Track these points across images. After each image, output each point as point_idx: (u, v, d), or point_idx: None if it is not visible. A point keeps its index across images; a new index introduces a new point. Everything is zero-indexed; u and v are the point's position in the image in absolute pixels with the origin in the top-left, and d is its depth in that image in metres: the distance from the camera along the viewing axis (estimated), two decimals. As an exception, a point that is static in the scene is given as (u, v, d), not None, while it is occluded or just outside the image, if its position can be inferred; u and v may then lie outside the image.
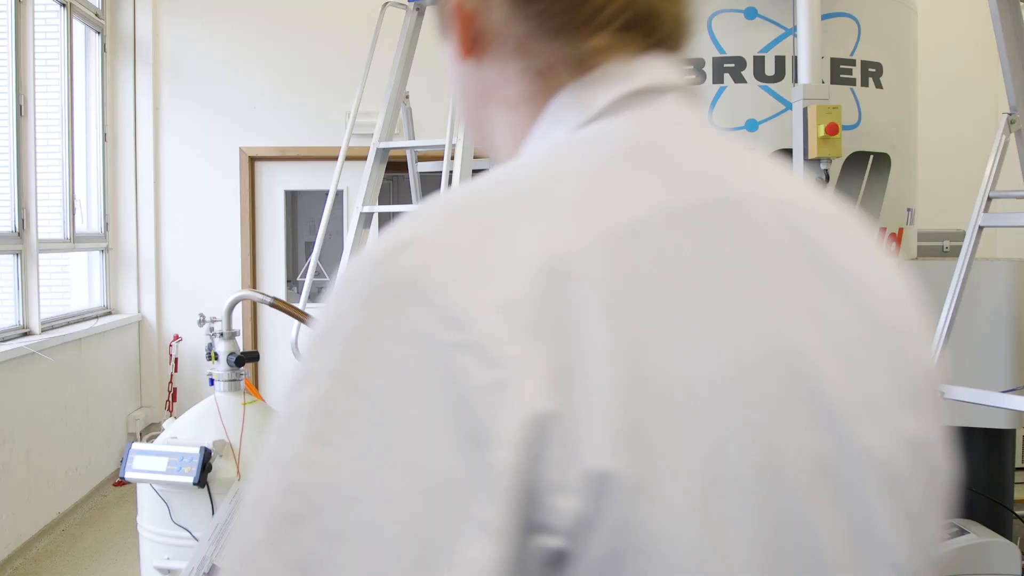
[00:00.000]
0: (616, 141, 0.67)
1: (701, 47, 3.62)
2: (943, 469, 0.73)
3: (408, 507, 0.52)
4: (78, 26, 6.53)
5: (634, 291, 0.58)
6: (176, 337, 7.07)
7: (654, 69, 0.71)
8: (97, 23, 6.83)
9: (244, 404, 3.16)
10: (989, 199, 3.41)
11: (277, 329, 6.92)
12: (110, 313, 6.91)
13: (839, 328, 0.66)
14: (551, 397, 0.53)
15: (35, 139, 5.59)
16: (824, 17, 3.45)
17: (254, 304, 6.84)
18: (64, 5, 6.23)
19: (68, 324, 6.05)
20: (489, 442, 0.52)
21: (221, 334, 3.24)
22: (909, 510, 0.68)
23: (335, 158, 4.59)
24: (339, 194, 6.00)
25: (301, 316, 3.47)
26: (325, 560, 0.52)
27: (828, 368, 0.64)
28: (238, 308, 3.39)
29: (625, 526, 0.54)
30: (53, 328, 5.77)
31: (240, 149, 7.14)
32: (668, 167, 0.66)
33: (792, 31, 3.52)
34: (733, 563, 0.57)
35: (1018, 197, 3.61)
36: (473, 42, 0.74)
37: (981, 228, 3.40)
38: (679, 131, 0.71)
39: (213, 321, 3.26)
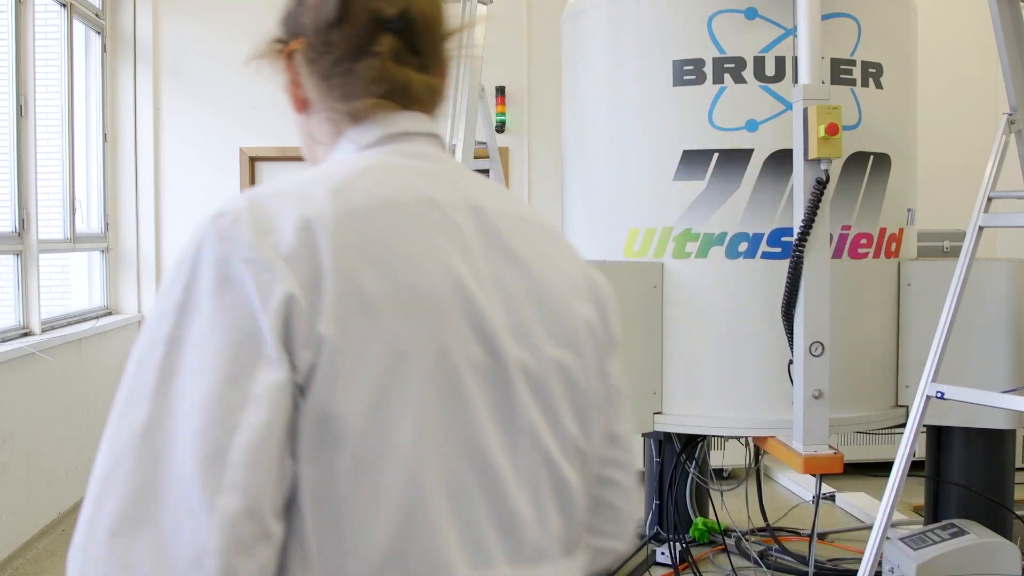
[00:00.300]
0: (366, 160, 1.10)
1: (701, 47, 3.62)
2: (589, 388, 1.14)
3: (227, 347, 0.93)
4: (78, 26, 6.53)
5: (354, 242, 0.99)
6: (176, 337, 7.06)
7: (404, 122, 1.14)
8: (97, 23, 6.83)
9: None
10: (989, 199, 3.41)
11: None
12: (110, 313, 6.91)
13: (506, 286, 1.08)
14: (299, 290, 0.94)
15: (35, 139, 5.59)
16: (824, 17, 3.45)
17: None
18: (64, 5, 6.23)
19: (68, 324, 6.05)
20: (267, 312, 0.93)
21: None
22: (552, 407, 1.08)
23: (335, 158, 4.59)
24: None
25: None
26: (183, 368, 0.93)
27: (492, 306, 1.05)
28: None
29: (332, 369, 0.94)
30: (53, 328, 5.76)
31: (240, 149, 7.14)
32: (396, 178, 1.08)
33: (792, 31, 3.52)
34: (396, 433, 0.96)
35: (1018, 197, 3.60)
36: (300, 103, 1.21)
37: (981, 228, 3.40)
38: (414, 159, 1.12)
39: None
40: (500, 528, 1.02)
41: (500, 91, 7.16)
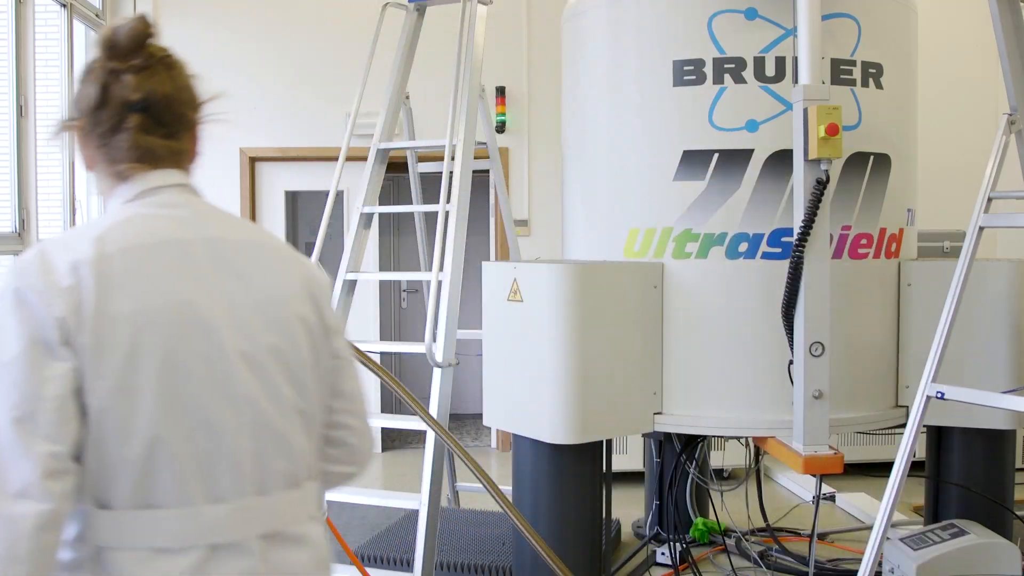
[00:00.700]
0: (125, 213, 1.52)
1: (701, 47, 3.62)
2: (304, 363, 1.57)
3: (28, 347, 1.37)
4: (78, 26, 6.53)
5: (108, 277, 1.41)
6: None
7: (155, 178, 1.56)
8: (97, 23, 6.83)
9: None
10: (989, 199, 3.41)
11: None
12: (110, 313, 6.91)
13: (231, 296, 1.51)
14: (69, 313, 1.38)
15: (35, 139, 5.59)
16: (824, 18, 3.45)
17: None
18: (64, 5, 6.23)
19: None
20: (51, 325, 1.37)
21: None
22: (269, 379, 1.51)
23: (335, 159, 4.59)
24: (339, 195, 5.99)
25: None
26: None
27: (216, 313, 1.48)
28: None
29: (89, 365, 1.38)
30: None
31: (240, 150, 7.14)
32: (144, 225, 1.50)
33: (792, 31, 3.52)
34: (139, 403, 1.41)
35: (1018, 197, 3.60)
36: (88, 163, 1.61)
37: (981, 229, 3.40)
38: (163, 208, 1.54)
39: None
40: (230, 471, 1.47)
41: (500, 91, 7.16)
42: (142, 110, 1.56)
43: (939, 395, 3.27)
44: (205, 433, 1.45)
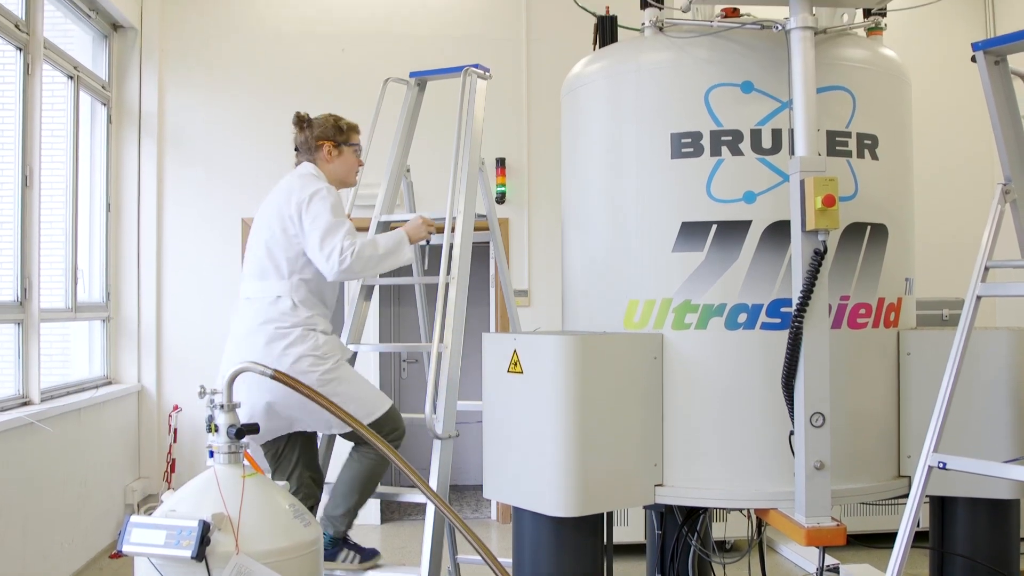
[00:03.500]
0: None
1: (699, 120, 3.67)
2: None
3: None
4: (84, 98, 6.61)
5: None
6: (175, 407, 7.04)
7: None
8: (104, 95, 6.92)
9: (243, 477, 3.15)
10: (986, 268, 3.42)
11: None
12: (110, 383, 6.90)
13: None
14: None
15: (39, 209, 5.63)
16: (820, 90, 3.50)
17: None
18: (71, 77, 6.32)
19: (68, 394, 6.04)
20: None
21: (222, 406, 3.24)
22: None
23: (336, 229, 4.61)
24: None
25: (301, 388, 3.47)
26: None
27: None
28: (238, 379, 3.39)
29: None
30: (53, 398, 5.76)
31: (242, 220, 7.19)
32: None
33: (788, 104, 3.57)
34: None
35: (1015, 267, 3.62)
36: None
37: (979, 298, 3.41)
38: None
39: (214, 393, 3.26)
40: None
41: (500, 162, 7.23)
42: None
43: (941, 465, 3.26)
44: None
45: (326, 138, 4.27)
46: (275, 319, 3.97)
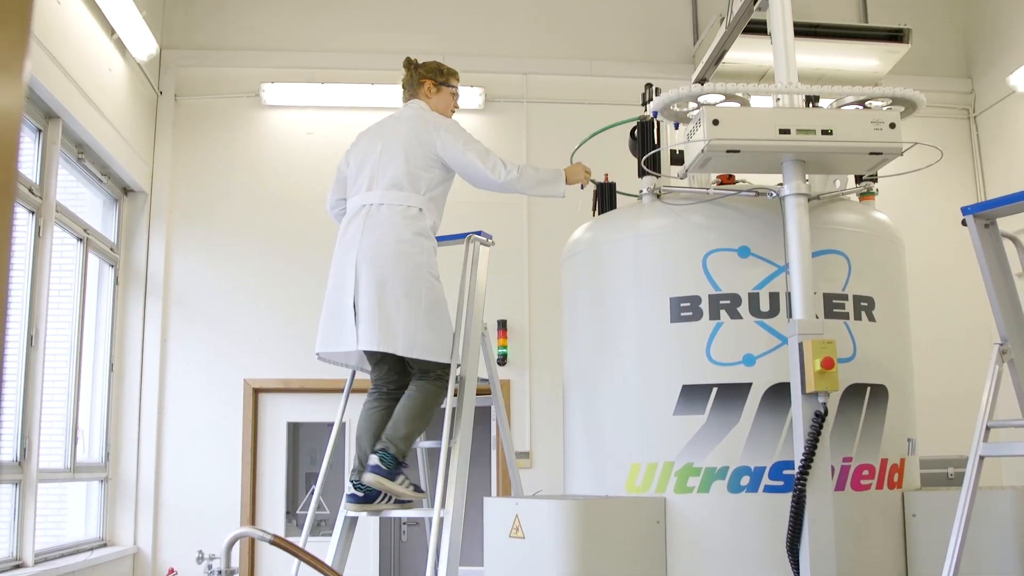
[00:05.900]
0: None
1: (697, 285, 3.74)
2: None
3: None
4: (93, 259, 6.73)
5: None
6: (171, 571, 6.90)
7: None
8: (112, 256, 7.04)
9: (240, 646, 3.08)
10: (988, 428, 3.43)
11: (278, 566, 6.76)
12: (105, 545, 6.79)
13: None
14: None
15: (43, 369, 5.65)
16: (815, 255, 3.58)
17: (253, 539, 6.71)
18: (81, 240, 6.44)
19: (62, 556, 5.94)
20: None
21: (220, 572, 3.19)
22: None
23: (338, 390, 4.64)
24: (342, 426, 6.01)
25: (301, 554, 3.42)
26: None
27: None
28: (237, 544, 3.35)
29: None
30: (47, 560, 5.66)
31: (245, 381, 7.20)
32: None
33: (784, 268, 3.64)
34: None
35: (1017, 426, 3.62)
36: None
37: (982, 458, 3.40)
38: None
39: (212, 559, 3.22)
40: None
41: (502, 324, 7.29)
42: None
43: (952, 632, 3.19)
44: None
45: (429, 77, 4.68)
46: (412, 227, 4.24)
